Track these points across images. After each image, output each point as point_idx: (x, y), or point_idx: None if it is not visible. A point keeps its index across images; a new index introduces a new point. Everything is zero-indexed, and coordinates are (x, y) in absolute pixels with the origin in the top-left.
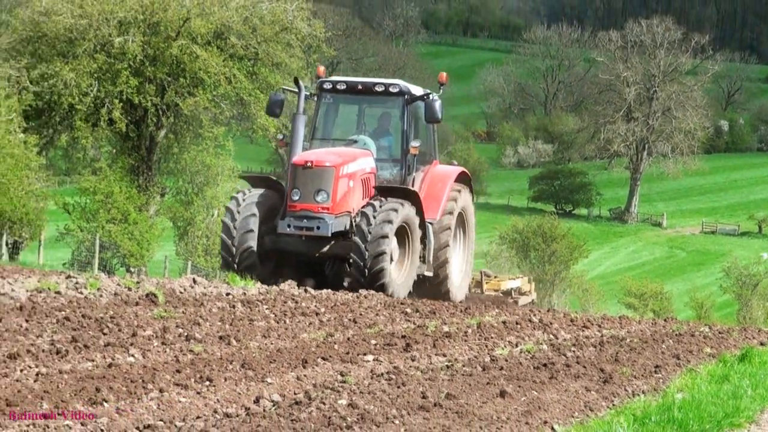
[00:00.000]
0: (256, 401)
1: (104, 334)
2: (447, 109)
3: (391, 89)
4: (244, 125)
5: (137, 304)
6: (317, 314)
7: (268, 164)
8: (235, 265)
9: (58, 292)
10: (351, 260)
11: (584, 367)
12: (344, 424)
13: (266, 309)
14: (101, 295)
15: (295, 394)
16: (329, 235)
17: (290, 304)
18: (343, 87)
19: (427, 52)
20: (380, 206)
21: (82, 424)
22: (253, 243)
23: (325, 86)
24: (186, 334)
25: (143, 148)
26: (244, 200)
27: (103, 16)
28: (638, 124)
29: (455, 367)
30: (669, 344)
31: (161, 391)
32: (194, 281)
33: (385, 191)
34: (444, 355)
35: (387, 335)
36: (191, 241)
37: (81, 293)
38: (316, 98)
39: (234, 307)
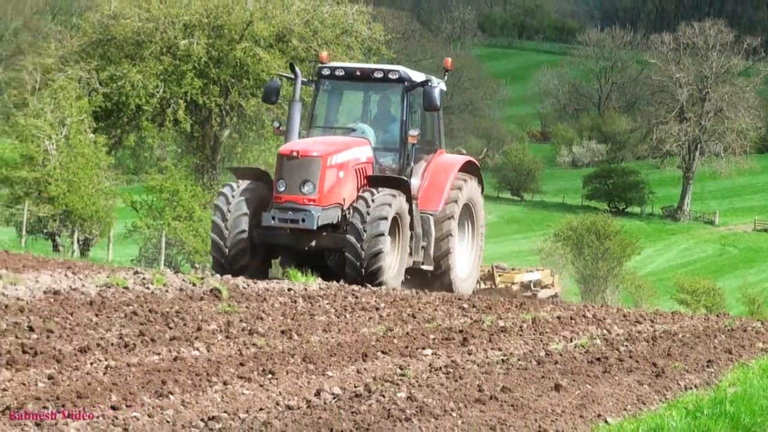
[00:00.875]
0: (317, 394)
1: (170, 328)
2: (503, 110)
3: (390, 75)
4: (304, 124)
5: (202, 299)
6: (377, 309)
7: None
8: (228, 266)
9: (126, 288)
10: (345, 258)
11: (637, 361)
12: (403, 417)
13: (327, 304)
14: (167, 291)
15: (355, 387)
16: (314, 228)
17: (350, 299)
18: (341, 73)
19: (483, 54)
20: (372, 200)
21: (149, 416)
22: (245, 244)
23: (323, 72)
24: (249, 328)
25: (207, 148)
26: (233, 196)
27: (169, 19)
28: (690, 125)
29: (511, 361)
30: (721, 339)
31: (225, 383)
32: None
33: (375, 181)
34: (500, 350)
35: (445, 330)
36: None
37: (148, 288)
38: (314, 85)
39: (295, 302)
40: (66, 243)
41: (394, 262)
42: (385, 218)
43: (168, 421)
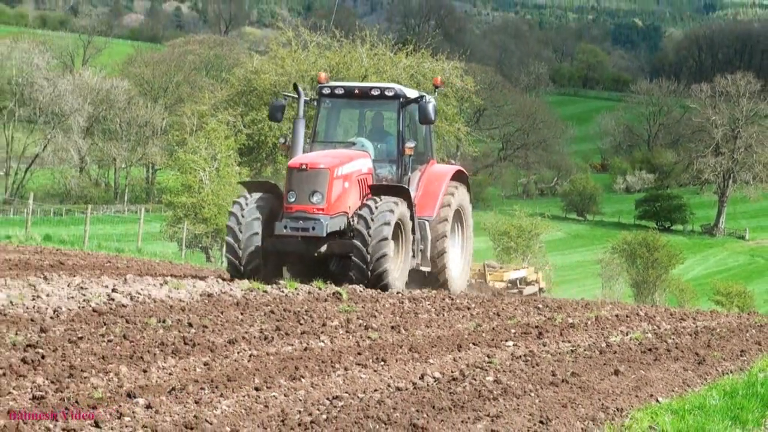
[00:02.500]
0: (421, 378)
1: (300, 324)
2: (570, 146)
3: (386, 93)
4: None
5: (326, 300)
6: (468, 309)
7: None
8: (241, 268)
9: (265, 291)
10: (352, 262)
11: (682, 351)
12: (491, 396)
13: (428, 304)
14: (298, 294)
15: (452, 372)
16: (324, 235)
17: (447, 300)
18: (341, 92)
19: (553, 101)
20: (376, 207)
21: (285, 395)
22: (257, 245)
23: (324, 91)
24: (365, 324)
25: None
26: (246, 204)
27: (300, 74)
28: (725, 158)
29: (578, 351)
30: (752, 333)
31: (346, 369)
32: None
33: (378, 190)
34: (569, 342)
35: (523, 325)
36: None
37: (282, 292)
38: (316, 103)
39: (402, 303)
40: (216, 255)
41: (398, 265)
42: (388, 223)
43: (300, 400)
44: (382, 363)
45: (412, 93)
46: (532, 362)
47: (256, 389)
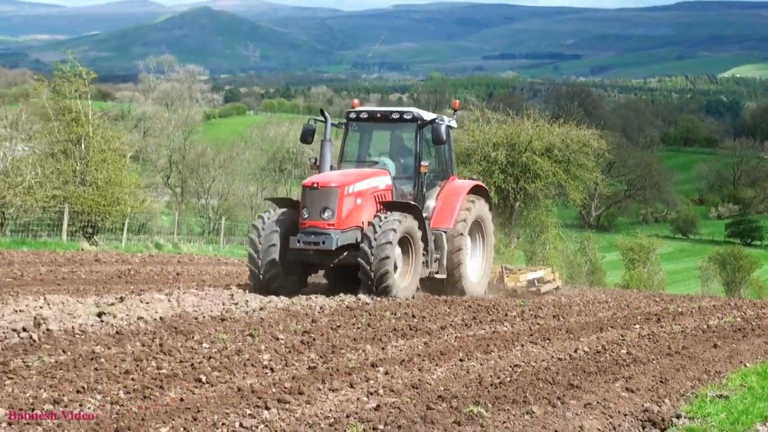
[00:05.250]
0: (575, 351)
1: (489, 314)
2: (676, 187)
3: (405, 116)
4: (561, 199)
5: (507, 297)
6: (606, 302)
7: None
8: (261, 276)
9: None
10: (360, 265)
11: (763, 330)
12: (624, 364)
13: (578, 300)
14: (489, 294)
15: (596, 347)
16: (333, 248)
17: (590, 296)
18: (365, 116)
19: (663, 156)
20: (379, 226)
21: (480, 364)
22: (275, 256)
23: (350, 116)
24: (534, 314)
25: (506, 213)
26: (268, 219)
27: (485, 141)
28: None
29: (686, 331)
30: None
31: (522, 345)
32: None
33: (389, 206)
34: (679, 325)
35: (646, 314)
36: (536, 261)
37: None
38: (344, 127)
39: (560, 299)
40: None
41: (406, 276)
42: (394, 230)
43: (491, 367)
44: (547, 341)
45: (429, 116)
46: (654, 339)
47: (460, 360)
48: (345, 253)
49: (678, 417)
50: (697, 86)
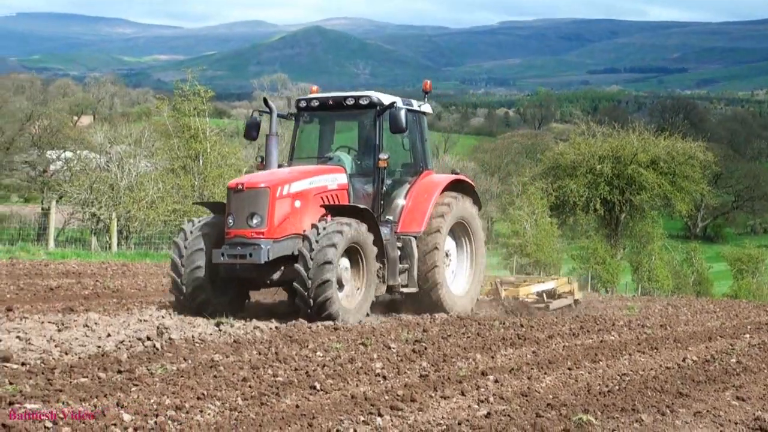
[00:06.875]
0: (683, 360)
1: (597, 324)
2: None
3: (361, 101)
4: (667, 210)
5: (619, 309)
6: (715, 312)
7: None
8: (187, 303)
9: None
10: (296, 289)
11: None
12: (734, 372)
13: (686, 309)
14: (579, 301)
15: (705, 356)
16: (261, 262)
17: (698, 306)
18: (316, 104)
19: None
20: (324, 228)
21: (588, 372)
22: (202, 280)
23: (300, 105)
24: (641, 324)
25: (612, 224)
26: (191, 233)
27: (591, 154)
28: None
29: None
30: None
31: (630, 355)
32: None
33: (335, 210)
34: None
35: (756, 323)
36: (642, 272)
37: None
38: (294, 119)
39: (667, 308)
40: None
41: (356, 297)
42: (334, 245)
43: (599, 376)
44: (655, 350)
45: (388, 99)
46: (764, 348)
47: (569, 369)
48: (282, 268)
49: None
50: None
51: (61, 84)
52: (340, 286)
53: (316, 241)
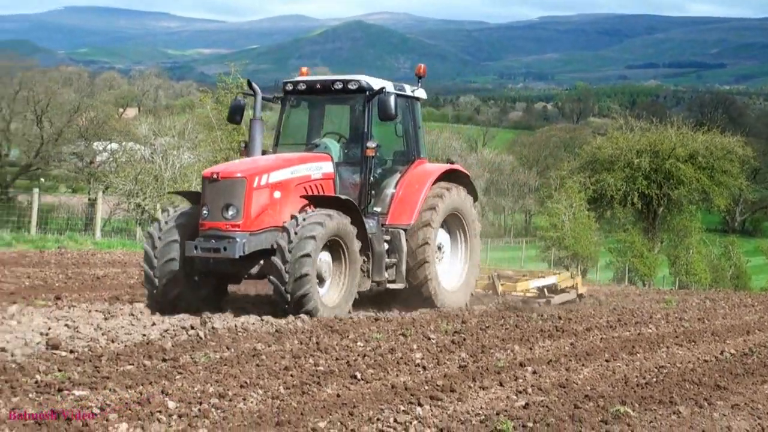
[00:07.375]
0: (721, 353)
1: (634, 317)
2: None
3: (349, 86)
4: (705, 204)
5: (656, 302)
6: (753, 306)
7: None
8: (160, 298)
9: (589, 296)
10: (272, 283)
11: None
12: None
13: (723, 303)
14: (629, 295)
15: (743, 349)
16: (236, 256)
17: (736, 299)
18: (303, 87)
19: None
20: (303, 219)
21: (626, 365)
22: (175, 273)
23: (287, 88)
24: (679, 317)
25: (650, 218)
26: (166, 223)
27: (628, 148)
28: None
29: None
30: None
31: (667, 347)
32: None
33: (316, 201)
34: None
35: None
36: (679, 265)
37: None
38: (281, 103)
39: (704, 302)
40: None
41: (338, 292)
42: (313, 237)
43: (636, 368)
44: (693, 343)
45: (377, 83)
46: None
47: (606, 361)
48: (261, 262)
49: None
50: None
51: (107, 77)
52: (321, 281)
53: (295, 233)
